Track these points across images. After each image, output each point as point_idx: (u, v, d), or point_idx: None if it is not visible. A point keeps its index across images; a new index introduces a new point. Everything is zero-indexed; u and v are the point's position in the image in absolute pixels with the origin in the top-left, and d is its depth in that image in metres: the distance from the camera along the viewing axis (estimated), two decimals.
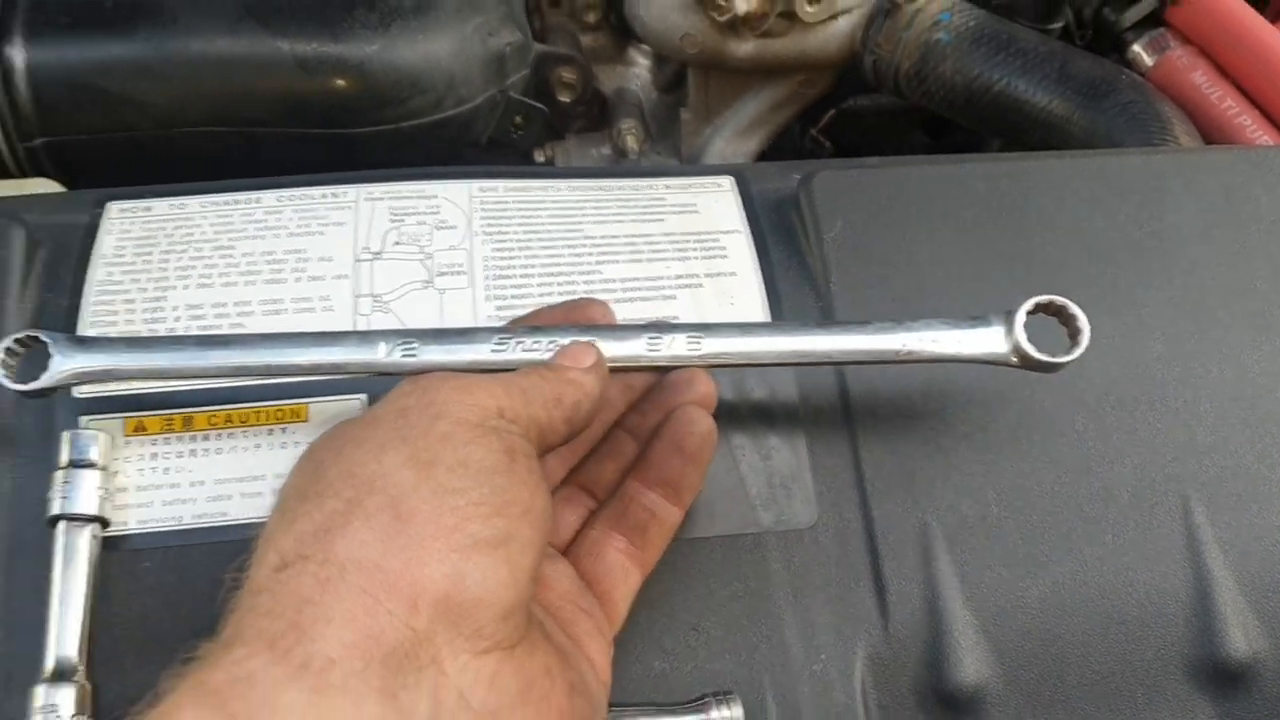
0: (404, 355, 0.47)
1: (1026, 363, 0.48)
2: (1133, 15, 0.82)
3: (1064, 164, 0.62)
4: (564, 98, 0.90)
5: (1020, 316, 0.48)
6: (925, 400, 0.54)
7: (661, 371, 0.50)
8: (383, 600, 0.35)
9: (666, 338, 0.48)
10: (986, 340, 0.48)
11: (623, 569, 0.47)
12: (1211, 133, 0.74)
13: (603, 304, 0.52)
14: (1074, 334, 0.48)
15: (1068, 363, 0.48)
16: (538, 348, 0.47)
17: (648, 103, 0.96)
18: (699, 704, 0.47)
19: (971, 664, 0.50)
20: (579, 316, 0.51)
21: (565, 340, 0.47)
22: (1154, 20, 0.82)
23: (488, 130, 0.84)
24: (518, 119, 0.85)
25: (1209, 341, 0.57)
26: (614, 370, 0.47)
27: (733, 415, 0.53)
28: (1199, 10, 0.78)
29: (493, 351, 0.47)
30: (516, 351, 0.47)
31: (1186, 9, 0.79)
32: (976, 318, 0.49)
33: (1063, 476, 0.53)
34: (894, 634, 0.50)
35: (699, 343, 0.48)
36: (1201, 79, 0.76)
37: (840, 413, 0.54)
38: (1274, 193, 0.61)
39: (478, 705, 0.36)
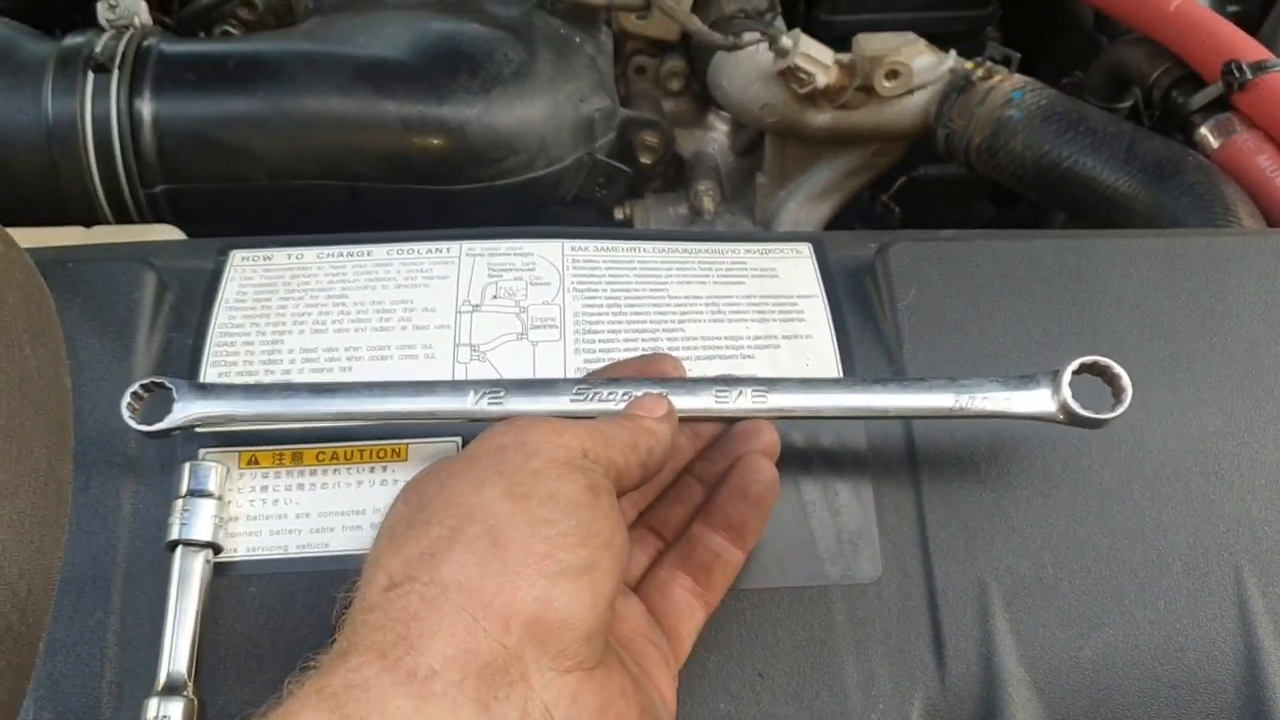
0: (490, 403, 0.52)
1: (1072, 419, 0.51)
2: (1200, 98, 0.84)
3: (1130, 242, 0.65)
4: (646, 160, 0.94)
5: (1066, 376, 0.51)
6: (988, 463, 0.57)
7: (728, 422, 0.53)
8: (480, 619, 0.39)
9: (733, 391, 0.52)
10: (1034, 398, 0.52)
11: (688, 606, 0.50)
12: (1275, 215, 0.76)
13: (674, 359, 0.56)
14: (1117, 393, 0.51)
15: (1111, 419, 0.51)
16: (613, 398, 0.51)
17: (724, 165, 1.00)
18: None
19: None
20: (652, 370, 0.54)
21: (639, 392, 0.51)
22: (1221, 104, 0.84)
23: (573, 189, 0.88)
24: (601, 179, 0.90)
25: (1265, 418, 0.59)
26: (683, 420, 0.51)
27: (805, 472, 0.56)
28: (1265, 95, 0.80)
29: (571, 401, 0.51)
30: (594, 402, 0.51)
31: (1253, 94, 0.81)
32: (1025, 377, 0.52)
33: (1118, 542, 0.55)
34: (950, 687, 0.52)
35: (763, 396, 0.52)
36: (1266, 163, 0.78)
37: (907, 473, 0.57)
38: None
39: (560, 719, 0.39)
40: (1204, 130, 0.83)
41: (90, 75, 0.79)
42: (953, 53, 0.88)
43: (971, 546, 0.55)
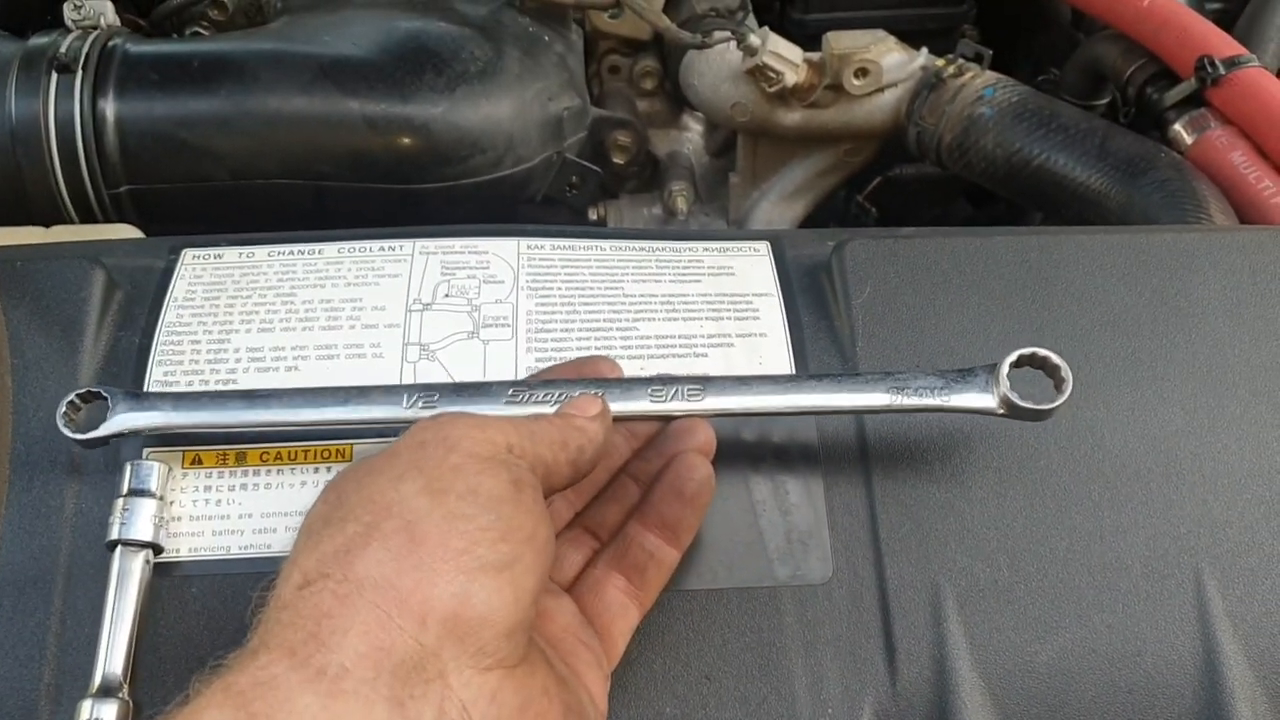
0: (424, 408, 0.51)
1: (1013, 412, 0.51)
2: (1174, 95, 0.83)
3: (1092, 239, 0.63)
4: (618, 160, 0.93)
5: (1004, 368, 0.51)
6: (942, 461, 0.56)
7: (664, 421, 0.53)
8: (394, 616, 0.38)
9: (668, 390, 0.52)
10: (973, 391, 0.51)
11: (622, 606, 0.49)
12: (1249, 212, 0.75)
13: (611, 361, 0.55)
14: (1058, 384, 0.50)
15: (1053, 410, 0.50)
16: (548, 400, 0.51)
17: (699, 166, 0.99)
18: None
19: None
20: (588, 372, 0.54)
21: (575, 394, 0.51)
22: (1195, 100, 0.83)
23: (543, 189, 0.87)
24: (574, 179, 0.89)
25: (1228, 417, 0.58)
26: (619, 420, 0.50)
27: (755, 471, 0.55)
28: (1239, 91, 0.79)
29: (506, 404, 0.51)
30: (528, 405, 0.51)
31: (1226, 89, 0.80)
32: (963, 370, 0.52)
33: (1076, 544, 0.54)
34: (901, 692, 0.51)
35: (698, 395, 0.52)
36: (1240, 159, 0.77)
37: (859, 471, 0.56)
38: None
39: (478, 718, 0.38)
40: (1178, 127, 0.82)
41: (54, 76, 0.79)
42: (924, 50, 0.87)
43: (925, 547, 0.54)
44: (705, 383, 0.52)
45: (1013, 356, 0.51)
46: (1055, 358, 0.50)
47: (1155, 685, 0.52)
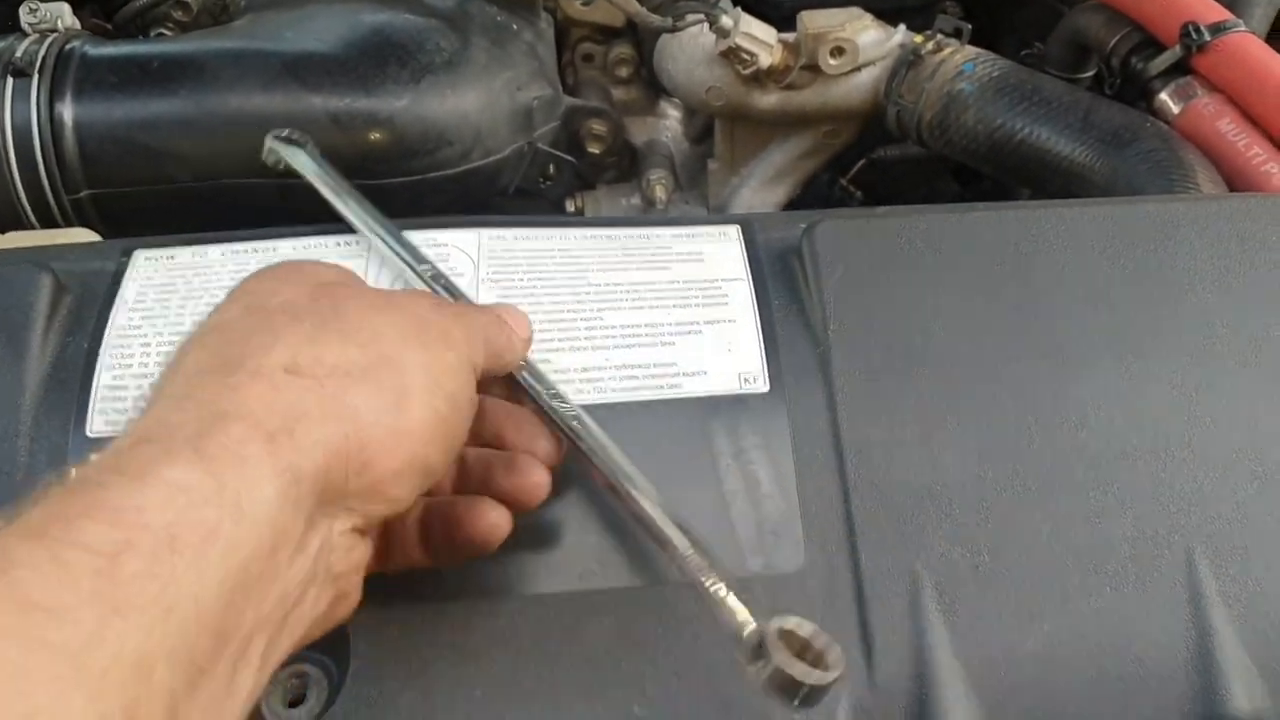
0: None
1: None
2: (1160, 63, 0.81)
3: (1073, 212, 0.61)
4: (594, 149, 0.91)
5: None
6: (919, 444, 0.53)
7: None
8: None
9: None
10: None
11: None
12: (1237, 180, 0.72)
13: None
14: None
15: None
16: None
17: (678, 153, 0.97)
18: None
19: (959, 719, 0.49)
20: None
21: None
22: (1181, 68, 0.80)
23: (515, 180, 0.85)
24: (549, 170, 0.87)
25: (1218, 390, 0.55)
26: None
27: (725, 460, 0.53)
28: (1225, 57, 0.77)
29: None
30: None
31: (1212, 55, 0.77)
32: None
33: (1060, 527, 0.52)
34: (879, 685, 0.49)
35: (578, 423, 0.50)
36: (1228, 126, 0.74)
37: (833, 456, 0.54)
38: None
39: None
40: (1164, 96, 0.80)
41: (10, 80, 0.77)
42: (901, 27, 0.85)
43: (901, 533, 0.52)
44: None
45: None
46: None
47: (1146, 672, 0.50)
